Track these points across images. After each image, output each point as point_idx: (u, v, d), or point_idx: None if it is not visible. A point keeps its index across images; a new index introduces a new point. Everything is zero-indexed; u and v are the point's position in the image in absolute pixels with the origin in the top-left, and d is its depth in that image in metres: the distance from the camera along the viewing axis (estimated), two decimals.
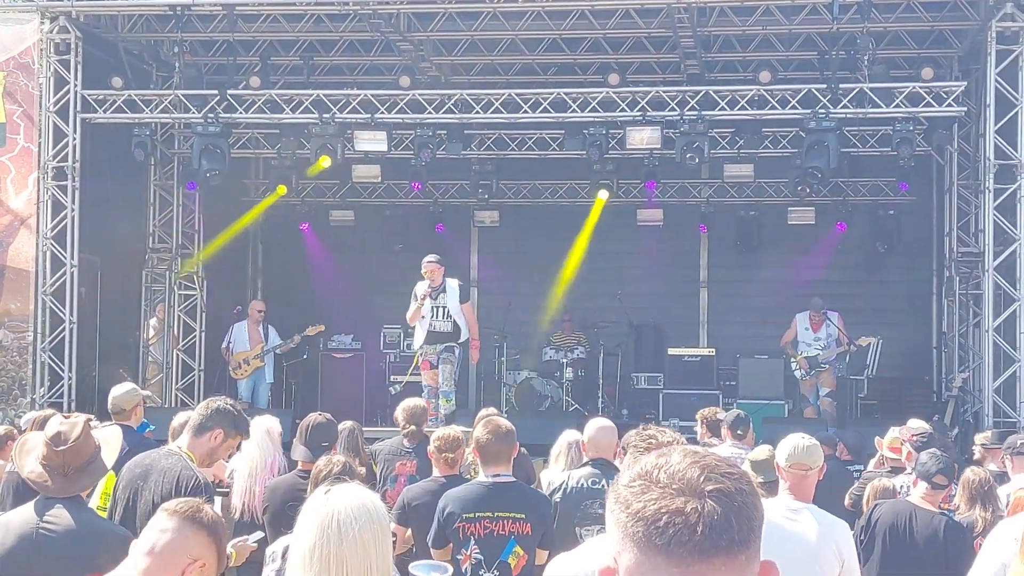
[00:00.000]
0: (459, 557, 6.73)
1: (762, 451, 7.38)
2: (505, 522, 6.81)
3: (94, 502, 7.26)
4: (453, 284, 14.53)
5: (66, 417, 5.07)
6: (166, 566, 3.67)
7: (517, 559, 6.78)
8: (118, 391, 9.45)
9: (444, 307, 14.39)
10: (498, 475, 6.94)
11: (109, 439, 5.21)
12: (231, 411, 6.58)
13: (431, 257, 14.50)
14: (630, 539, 1.88)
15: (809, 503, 6.34)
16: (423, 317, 14.38)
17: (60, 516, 4.90)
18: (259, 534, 6.62)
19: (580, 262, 20.76)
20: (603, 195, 19.32)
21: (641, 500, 1.88)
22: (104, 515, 6.66)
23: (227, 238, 20.22)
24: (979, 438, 11.78)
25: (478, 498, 6.89)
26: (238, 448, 7.51)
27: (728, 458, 2.00)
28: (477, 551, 6.66)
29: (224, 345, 18.22)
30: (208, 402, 6.63)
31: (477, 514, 6.82)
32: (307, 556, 3.39)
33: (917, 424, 10.54)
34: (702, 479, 1.88)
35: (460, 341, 14.52)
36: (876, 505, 7.99)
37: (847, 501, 10.12)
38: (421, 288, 14.30)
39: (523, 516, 6.84)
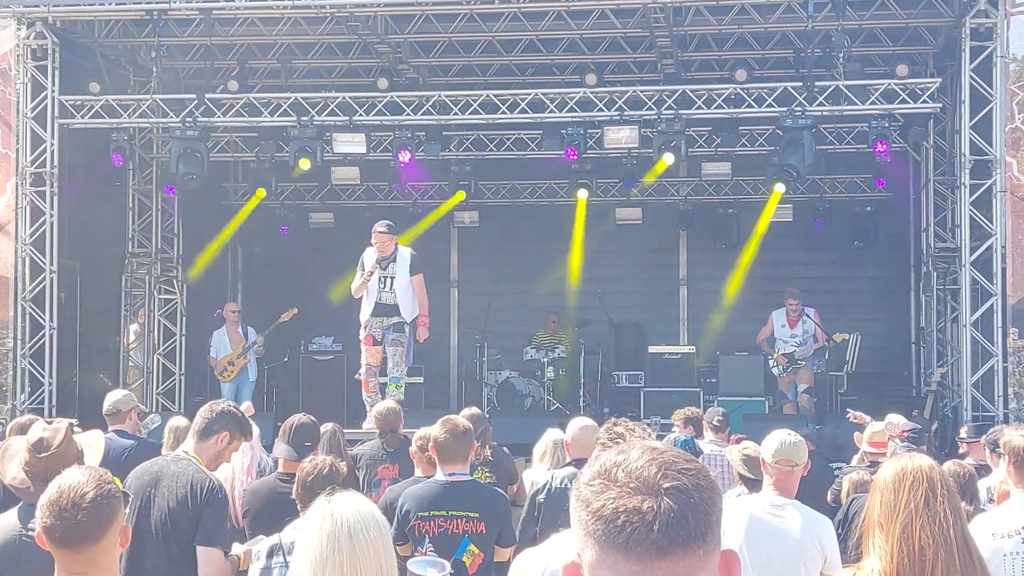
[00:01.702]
0: (415, 555, 6.79)
1: (755, 447, 7.43)
2: (459, 521, 6.87)
3: None
4: (406, 253, 13.58)
5: (48, 423, 5.08)
6: (113, 547, 3.66)
7: (472, 557, 6.83)
8: (115, 396, 9.61)
9: (392, 277, 13.43)
10: (454, 474, 6.99)
11: (92, 444, 5.22)
12: (235, 413, 6.61)
13: (381, 227, 13.56)
14: (591, 537, 1.93)
15: (793, 499, 6.39)
16: (370, 286, 13.46)
17: None
18: (263, 538, 6.64)
19: (574, 265, 20.75)
20: (583, 194, 19.35)
21: (600, 499, 1.93)
22: None
23: (215, 248, 20.34)
24: (963, 432, 11.89)
25: (433, 497, 6.94)
26: None
27: (686, 453, 2.04)
28: (432, 549, 6.71)
29: (208, 355, 18.25)
30: (211, 405, 6.65)
31: (432, 512, 6.88)
32: (318, 564, 3.40)
33: (898, 419, 10.59)
34: (659, 477, 1.93)
35: (410, 320, 13.60)
36: (853, 499, 8.05)
37: (828, 497, 10.19)
38: (369, 258, 13.49)
39: (476, 515, 6.90)
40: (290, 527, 6.07)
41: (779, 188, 18.13)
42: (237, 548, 6.48)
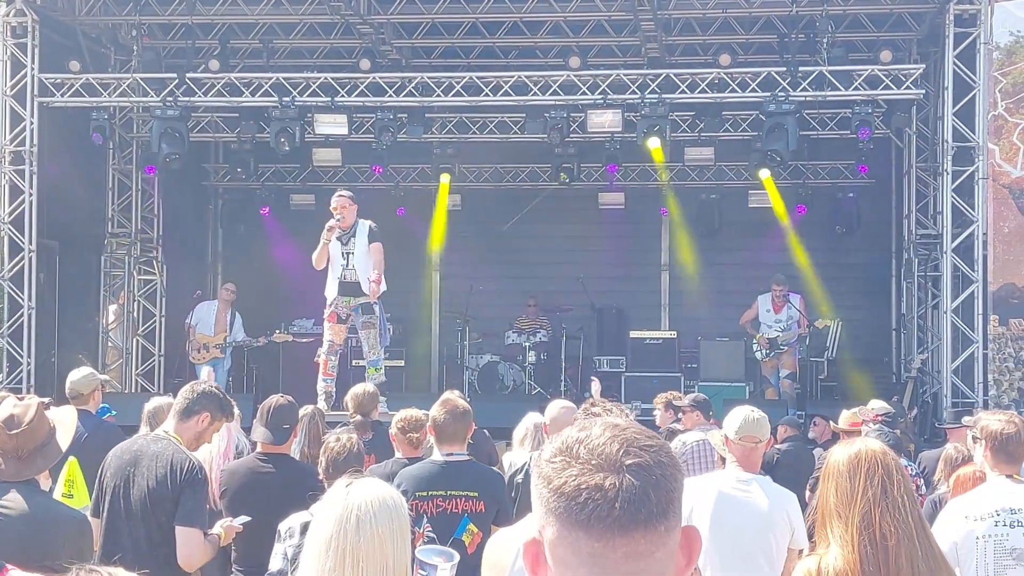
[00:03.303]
0: (412, 536, 6.73)
1: None
2: (458, 500, 6.84)
3: (58, 490, 7.21)
4: (365, 226, 12.78)
5: (20, 399, 5.01)
6: None
7: (471, 537, 6.80)
8: (76, 375, 9.37)
9: (352, 253, 12.73)
10: (451, 454, 6.97)
11: (64, 420, 5.15)
12: (216, 394, 6.58)
13: (343, 192, 12.96)
14: (552, 514, 1.92)
15: (757, 474, 6.39)
16: (333, 263, 12.76)
17: (14, 500, 4.85)
18: (245, 518, 6.60)
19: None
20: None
21: (562, 476, 1.92)
22: (71, 503, 6.60)
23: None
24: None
25: (431, 476, 6.91)
26: None
27: (648, 430, 2.01)
28: (430, 529, 6.67)
29: (187, 320, 18.09)
30: (192, 385, 6.63)
31: (430, 492, 6.84)
32: (323, 549, 3.37)
33: (879, 404, 10.60)
34: (621, 453, 1.91)
35: (375, 298, 12.86)
36: None
37: (808, 485, 10.20)
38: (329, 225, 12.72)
39: (476, 494, 6.87)
40: None
41: (764, 174, 18.17)
42: (217, 527, 6.45)
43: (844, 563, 3.75)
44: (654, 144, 16.66)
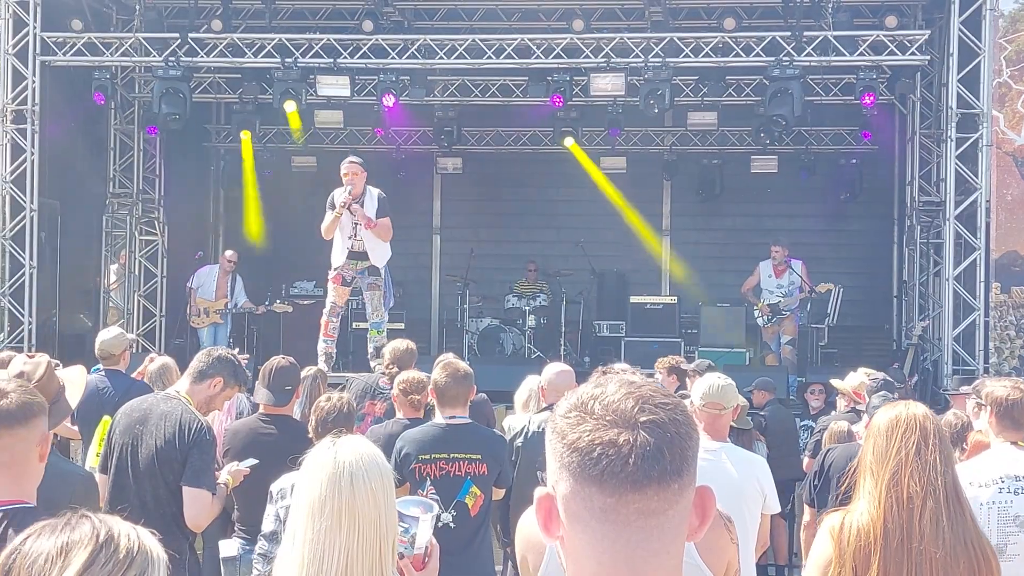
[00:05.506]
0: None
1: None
2: (461, 463, 6.88)
3: (92, 449, 7.25)
4: (374, 196, 12.62)
5: (30, 356, 5.02)
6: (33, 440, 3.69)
7: (474, 499, 6.84)
8: (106, 336, 9.35)
9: (362, 224, 12.53)
10: (453, 417, 7.00)
11: (73, 379, 5.16)
12: (232, 361, 6.61)
13: (353, 158, 12.67)
14: (566, 469, 1.92)
15: (724, 442, 6.39)
16: (341, 231, 12.59)
17: None
18: (252, 460, 6.63)
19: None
20: (568, 142, 19.25)
21: (576, 431, 1.92)
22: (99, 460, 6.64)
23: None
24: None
25: (434, 440, 6.94)
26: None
27: (663, 388, 2.02)
28: (433, 492, 6.70)
29: (189, 284, 18.06)
30: (210, 350, 6.70)
31: (433, 455, 6.87)
32: (316, 509, 3.36)
33: (868, 371, 10.63)
34: (636, 410, 1.91)
35: (381, 265, 12.85)
36: (829, 450, 8.05)
37: (808, 451, 10.23)
38: (340, 195, 12.42)
39: (479, 457, 6.91)
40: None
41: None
42: (224, 474, 6.48)
43: (868, 520, 3.78)
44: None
